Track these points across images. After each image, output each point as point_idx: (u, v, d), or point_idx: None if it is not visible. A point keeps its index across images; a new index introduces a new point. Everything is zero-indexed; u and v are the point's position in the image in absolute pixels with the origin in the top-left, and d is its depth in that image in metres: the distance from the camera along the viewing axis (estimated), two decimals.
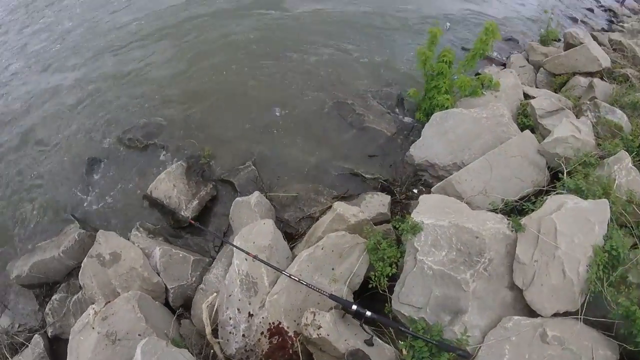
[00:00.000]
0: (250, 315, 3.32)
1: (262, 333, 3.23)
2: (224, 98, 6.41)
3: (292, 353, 3.13)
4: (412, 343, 2.93)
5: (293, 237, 4.34)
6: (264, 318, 3.23)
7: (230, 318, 3.41)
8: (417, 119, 5.62)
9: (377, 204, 4.30)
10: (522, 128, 4.86)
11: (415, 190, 4.66)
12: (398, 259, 3.39)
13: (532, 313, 2.98)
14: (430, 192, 4.24)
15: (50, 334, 4.28)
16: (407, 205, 4.42)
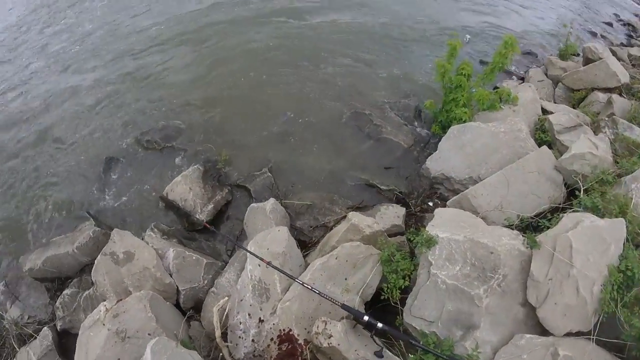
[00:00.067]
0: (261, 321, 3.32)
1: (271, 339, 3.23)
2: (242, 104, 6.47)
3: None
4: (422, 357, 2.91)
5: (306, 245, 4.35)
6: (275, 324, 3.23)
7: (241, 323, 3.42)
8: (433, 131, 5.61)
9: (391, 216, 4.30)
10: (539, 143, 4.83)
11: (431, 203, 4.64)
12: (411, 272, 3.38)
13: (544, 331, 2.94)
14: (446, 205, 4.23)
15: (60, 328, 4.33)
16: (421, 218, 4.40)
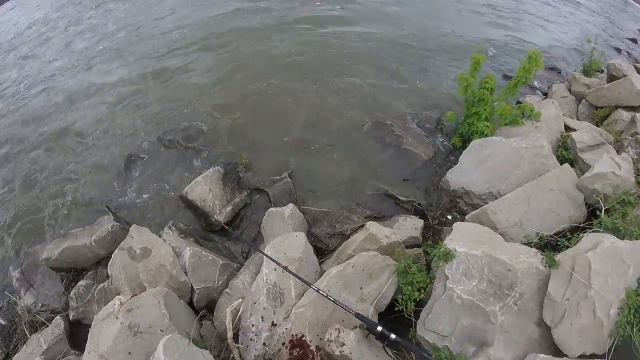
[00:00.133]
0: (274, 325, 3.34)
1: (283, 344, 3.25)
2: (264, 109, 6.51)
3: None
4: None
5: (322, 252, 4.35)
6: (288, 329, 3.25)
7: (253, 325, 3.44)
8: (453, 143, 5.58)
9: (409, 227, 4.29)
10: (561, 161, 4.77)
11: (450, 217, 4.62)
12: (427, 285, 3.37)
13: (558, 352, 2.90)
14: (464, 219, 4.21)
15: (72, 318, 4.39)
16: (439, 231, 4.38)
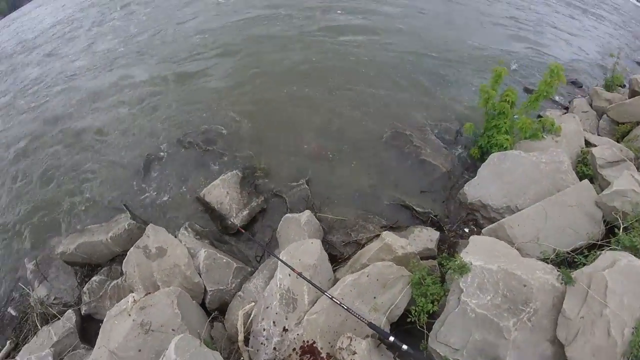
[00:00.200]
0: (285, 330, 3.34)
1: (294, 349, 3.25)
2: (283, 116, 6.58)
3: None
4: None
5: (336, 259, 4.34)
6: (299, 335, 3.25)
7: (264, 329, 3.45)
8: (471, 154, 5.54)
9: (425, 239, 4.27)
10: (581, 177, 4.69)
11: (467, 230, 4.58)
12: (440, 297, 3.34)
13: None
14: (481, 233, 4.17)
15: (84, 312, 4.48)
16: (454, 244, 4.35)
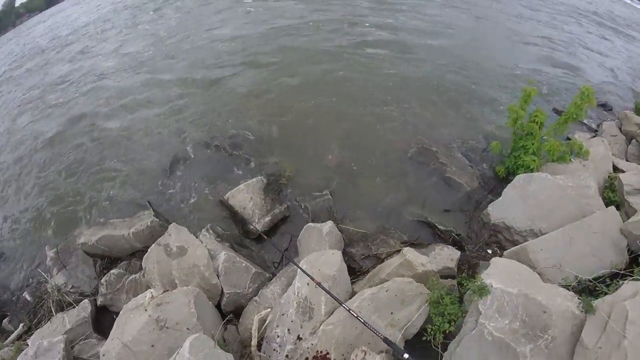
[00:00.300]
0: (299, 339, 3.35)
1: (306, 358, 3.26)
2: (310, 126, 6.66)
3: None
4: None
5: (355, 272, 4.33)
6: (313, 344, 3.26)
7: (278, 336, 3.46)
8: (497, 172, 5.47)
9: (445, 257, 4.23)
10: (607, 203, 4.58)
11: (490, 251, 4.52)
12: (458, 317, 3.31)
13: None
14: (503, 255, 4.12)
15: (99, 303, 4.58)
16: (475, 265, 4.29)
